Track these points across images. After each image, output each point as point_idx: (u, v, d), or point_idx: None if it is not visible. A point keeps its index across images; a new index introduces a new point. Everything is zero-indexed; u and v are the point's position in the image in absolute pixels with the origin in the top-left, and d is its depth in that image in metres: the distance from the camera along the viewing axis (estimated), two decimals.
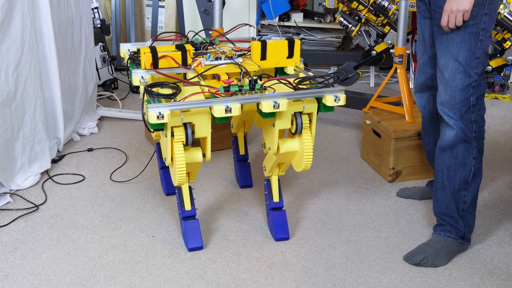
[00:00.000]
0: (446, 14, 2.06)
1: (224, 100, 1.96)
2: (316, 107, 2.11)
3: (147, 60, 2.16)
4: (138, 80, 2.17)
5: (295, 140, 2.18)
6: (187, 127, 2.04)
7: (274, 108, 1.97)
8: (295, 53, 2.26)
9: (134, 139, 3.34)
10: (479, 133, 2.19)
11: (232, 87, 2.01)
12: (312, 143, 2.15)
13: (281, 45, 2.23)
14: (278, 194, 2.35)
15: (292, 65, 2.28)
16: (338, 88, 2.08)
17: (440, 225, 2.31)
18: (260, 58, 2.22)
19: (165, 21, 4.74)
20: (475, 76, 2.12)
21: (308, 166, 2.17)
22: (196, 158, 2.13)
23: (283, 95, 2.00)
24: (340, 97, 2.06)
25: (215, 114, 1.96)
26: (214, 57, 2.22)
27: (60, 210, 2.57)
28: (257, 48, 2.20)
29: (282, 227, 2.35)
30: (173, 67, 2.19)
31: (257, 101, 2.01)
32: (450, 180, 2.23)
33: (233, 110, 1.96)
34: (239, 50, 2.34)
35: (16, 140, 2.73)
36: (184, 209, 2.26)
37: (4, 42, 2.57)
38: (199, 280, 2.13)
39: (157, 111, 1.91)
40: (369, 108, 3.12)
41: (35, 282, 2.09)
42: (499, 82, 4.21)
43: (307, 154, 2.13)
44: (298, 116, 2.10)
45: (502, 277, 2.17)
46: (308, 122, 2.13)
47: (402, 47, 3.09)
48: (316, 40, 4.76)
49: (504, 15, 3.03)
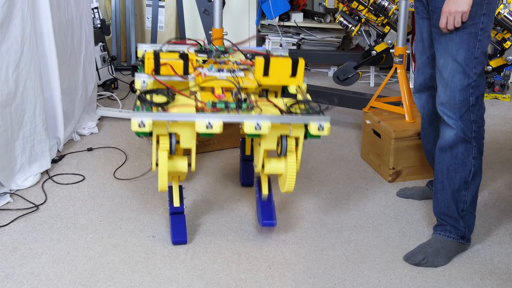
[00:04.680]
0: (444, 16, 2.07)
1: (207, 116, 1.96)
2: (303, 132, 2.08)
3: (149, 66, 2.17)
4: (140, 83, 2.19)
5: (281, 161, 2.17)
6: (171, 137, 2.05)
7: (256, 130, 1.96)
8: (298, 72, 2.22)
9: (134, 139, 3.34)
10: (479, 133, 2.19)
11: (218, 104, 2.01)
12: (297, 167, 2.13)
13: (285, 63, 2.20)
14: (267, 188, 2.35)
15: (295, 84, 2.25)
16: (324, 117, 2.02)
17: (440, 225, 2.31)
18: (262, 74, 2.20)
19: (165, 21, 4.74)
20: (474, 76, 2.12)
21: (291, 188, 2.15)
22: (181, 167, 2.14)
23: (266, 118, 1.99)
24: (324, 126, 2.00)
25: (196, 128, 1.96)
26: (216, 69, 2.22)
27: (60, 210, 2.57)
28: (260, 64, 2.19)
29: (269, 213, 2.35)
30: (173, 74, 2.20)
31: (240, 121, 2.00)
32: (450, 180, 2.23)
33: (214, 127, 1.95)
34: (245, 64, 2.32)
35: (16, 140, 2.73)
36: (173, 205, 2.31)
37: (4, 42, 2.57)
38: (199, 280, 2.13)
39: (140, 119, 1.92)
40: (369, 108, 3.12)
41: (35, 282, 2.09)
42: (499, 82, 4.21)
43: (290, 177, 2.12)
44: (284, 139, 2.08)
45: (502, 277, 2.18)
46: (295, 146, 2.11)
47: (402, 47, 3.09)
48: (316, 40, 4.76)
49: (504, 15, 3.03)
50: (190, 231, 2.42)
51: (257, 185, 2.41)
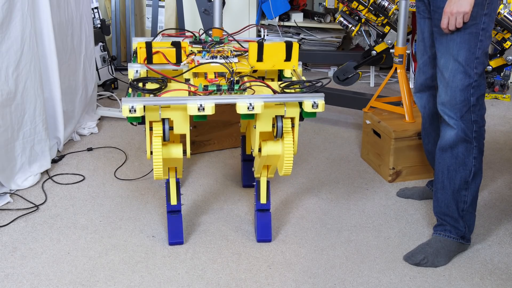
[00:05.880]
0: (446, 16, 2.06)
1: (198, 99, 1.95)
2: (298, 112, 2.06)
3: (141, 55, 2.17)
4: (133, 73, 2.19)
5: (278, 144, 2.15)
6: (165, 123, 2.04)
7: (249, 110, 1.95)
8: (293, 56, 2.21)
9: (134, 139, 3.34)
10: (480, 133, 2.19)
11: (210, 86, 2.00)
12: (294, 148, 2.11)
13: (279, 47, 2.20)
14: (266, 196, 2.34)
15: (290, 68, 2.24)
16: (317, 94, 2.01)
17: (440, 225, 2.31)
18: (256, 60, 2.20)
19: (165, 21, 4.74)
20: (475, 76, 2.12)
21: (288, 170, 2.13)
22: (175, 154, 2.11)
23: (259, 98, 1.97)
24: (318, 103, 1.99)
25: (188, 111, 1.95)
26: (210, 56, 2.22)
27: (60, 210, 2.57)
28: (254, 49, 2.19)
29: (265, 229, 2.34)
30: (165, 63, 2.20)
31: (232, 102, 1.99)
32: (450, 180, 2.23)
33: (206, 109, 1.94)
34: (239, 50, 2.34)
35: (16, 140, 2.73)
36: (170, 203, 2.30)
37: (4, 42, 2.57)
38: (199, 280, 2.13)
39: (130, 105, 1.91)
40: (369, 108, 3.12)
41: (35, 282, 2.09)
42: (499, 82, 4.21)
43: (287, 158, 2.10)
44: (279, 119, 2.07)
45: (502, 277, 2.18)
46: (291, 126, 2.10)
47: (402, 47, 3.10)
48: (316, 40, 4.76)
49: (504, 15, 3.03)
50: (190, 231, 2.42)
51: (256, 191, 2.38)
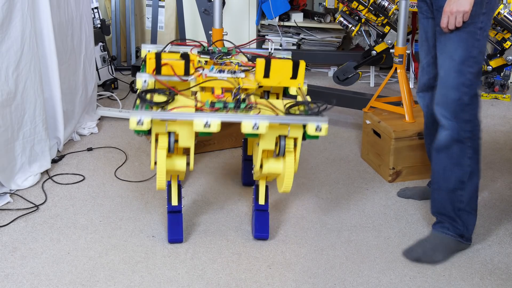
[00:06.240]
0: (445, 16, 2.06)
1: (205, 116, 1.96)
2: (301, 133, 2.08)
3: (150, 65, 2.19)
4: (141, 83, 2.20)
5: (279, 162, 2.18)
6: (170, 136, 2.06)
7: (254, 129, 1.97)
8: (299, 74, 2.23)
9: (134, 139, 3.34)
10: (474, 133, 2.18)
11: (217, 103, 2.02)
12: (295, 168, 2.13)
13: (286, 65, 2.22)
14: (264, 198, 2.37)
15: (295, 86, 2.26)
16: (322, 118, 2.02)
17: (439, 223, 2.32)
18: (263, 76, 2.22)
19: (165, 21, 4.74)
20: (469, 75, 2.11)
21: (288, 188, 2.15)
22: (179, 166, 2.15)
23: (264, 118, 1.99)
24: (322, 127, 2.00)
25: (194, 127, 1.97)
26: (217, 70, 2.23)
27: (60, 210, 2.57)
28: (261, 65, 2.20)
29: (263, 227, 2.36)
30: (173, 75, 2.21)
31: (238, 121, 2.00)
32: (445, 180, 2.23)
33: (212, 126, 1.95)
34: (246, 65, 2.33)
35: (16, 140, 2.73)
36: (171, 204, 2.32)
37: (4, 42, 2.58)
38: (199, 280, 2.13)
39: (138, 117, 1.93)
40: (369, 108, 3.12)
41: (35, 282, 2.09)
42: (499, 82, 4.21)
43: (288, 177, 2.13)
44: (282, 139, 2.09)
45: (502, 277, 2.18)
46: (293, 146, 2.11)
47: (402, 47, 3.09)
48: (316, 40, 4.76)
49: (504, 15, 3.03)
50: (190, 231, 2.42)
51: (254, 193, 2.41)
